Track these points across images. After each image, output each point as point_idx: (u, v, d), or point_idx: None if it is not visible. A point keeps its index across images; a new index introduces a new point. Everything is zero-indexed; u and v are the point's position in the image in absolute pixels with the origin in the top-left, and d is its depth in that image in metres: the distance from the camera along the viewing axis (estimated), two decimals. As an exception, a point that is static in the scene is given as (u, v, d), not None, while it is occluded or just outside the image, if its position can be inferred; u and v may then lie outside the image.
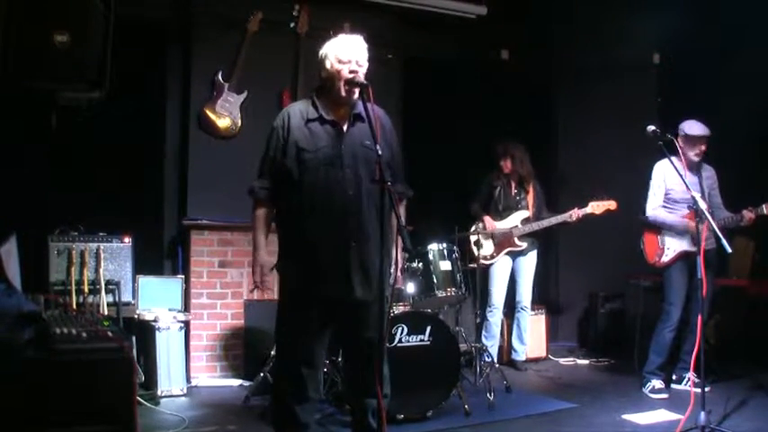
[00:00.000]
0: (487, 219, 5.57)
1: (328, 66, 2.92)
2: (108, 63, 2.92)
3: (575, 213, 5.29)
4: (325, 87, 2.97)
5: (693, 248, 4.51)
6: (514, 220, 5.55)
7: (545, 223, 5.44)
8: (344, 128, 2.94)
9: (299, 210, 2.89)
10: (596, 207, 5.27)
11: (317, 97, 2.99)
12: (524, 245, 5.56)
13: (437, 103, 6.24)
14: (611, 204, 5.27)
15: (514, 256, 5.63)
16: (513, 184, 5.62)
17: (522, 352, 5.74)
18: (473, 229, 5.38)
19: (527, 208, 5.56)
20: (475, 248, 5.09)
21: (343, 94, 2.89)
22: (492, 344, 5.53)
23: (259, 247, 2.99)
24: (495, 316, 5.61)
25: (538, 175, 5.72)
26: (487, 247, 5.55)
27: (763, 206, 4.36)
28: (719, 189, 4.77)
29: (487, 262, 5.55)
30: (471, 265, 5.08)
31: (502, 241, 5.56)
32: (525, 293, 5.68)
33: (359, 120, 2.97)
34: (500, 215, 5.58)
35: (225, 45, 5.36)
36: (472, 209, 5.67)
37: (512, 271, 5.66)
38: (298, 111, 2.98)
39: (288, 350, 2.95)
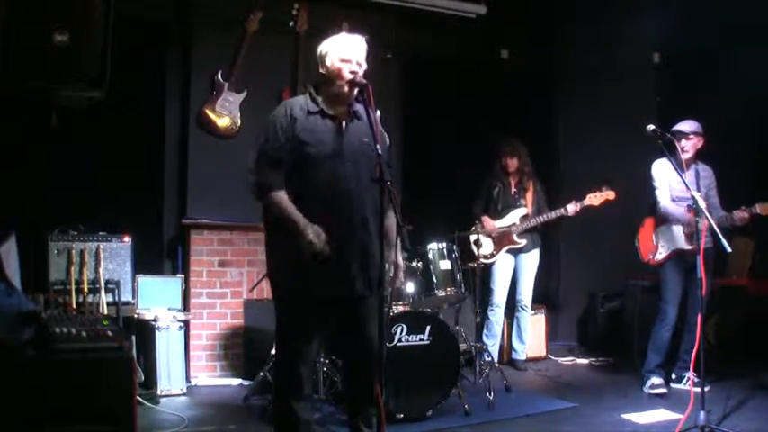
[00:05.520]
0: (486, 219, 5.56)
1: (329, 63, 2.90)
2: (108, 63, 2.92)
3: (572, 206, 5.28)
4: (324, 84, 2.95)
5: (687, 247, 4.52)
6: (513, 217, 5.55)
7: (543, 218, 5.43)
8: (344, 124, 2.93)
9: (300, 204, 2.84)
10: (595, 198, 5.26)
11: (317, 93, 2.96)
12: (524, 242, 5.55)
13: (437, 103, 6.24)
14: (610, 195, 5.25)
15: (516, 254, 5.62)
16: (514, 183, 5.62)
17: (521, 351, 5.74)
18: (473, 229, 5.37)
19: (525, 206, 5.56)
20: (474, 248, 5.09)
21: (345, 90, 2.88)
22: (493, 343, 5.53)
23: (301, 221, 2.76)
24: (497, 314, 5.61)
25: (538, 175, 5.72)
26: (487, 245, 5.55)
27: (757, 206, 4.35)
28: (718, 189, 4.75)
29: (488, 261, 5.54)
30: (471, 264, 5.08)
31: (501, 239, 5.55)
32: (526, 292, 5.67)
33: (357, 117, 2.96)
34: (499, 214, 5.58)
35: (225, 45, 5.36)
36: (473, 211, 5.66)
37: (513, 269, 5.66)
38: (298, 104, 2.95)
39: (288, 350, 2.93)
